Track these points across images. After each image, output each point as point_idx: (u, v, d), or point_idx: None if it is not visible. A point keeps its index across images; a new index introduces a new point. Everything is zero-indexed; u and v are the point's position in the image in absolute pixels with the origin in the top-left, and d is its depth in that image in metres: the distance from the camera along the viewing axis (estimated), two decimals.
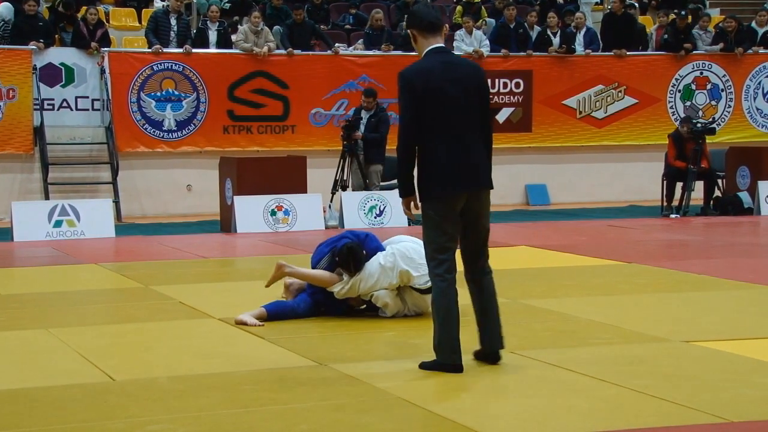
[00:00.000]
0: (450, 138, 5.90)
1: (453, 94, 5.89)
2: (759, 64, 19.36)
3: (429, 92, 5.85)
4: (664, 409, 5.22)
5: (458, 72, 5.96)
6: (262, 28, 17.24)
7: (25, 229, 13.37)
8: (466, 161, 5.94)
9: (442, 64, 5.94)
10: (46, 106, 16.49)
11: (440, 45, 6.02)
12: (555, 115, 18.50)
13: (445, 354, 5.99)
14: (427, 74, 5.89)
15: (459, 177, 5.90)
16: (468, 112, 5.95)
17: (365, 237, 7.74)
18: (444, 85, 5.87)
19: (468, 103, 5.94)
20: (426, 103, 5.86)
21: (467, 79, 5.97)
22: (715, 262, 10.66)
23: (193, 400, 5.47)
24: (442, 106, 5.87)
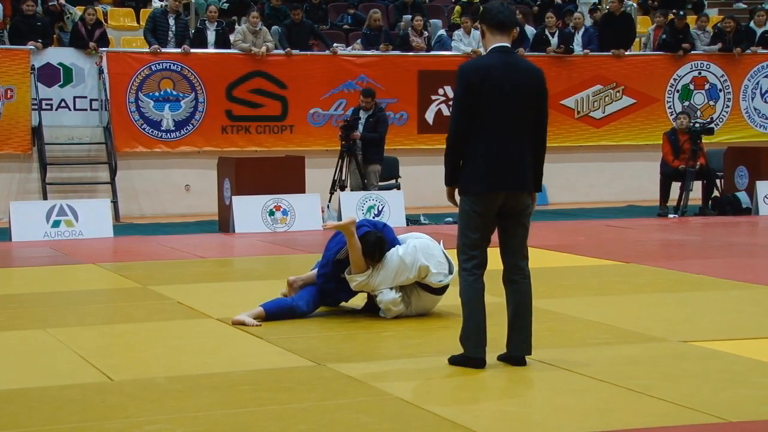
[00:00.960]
0: (497, 137, 5.91)
1: (507, 94, 5.90)
2: (757, 64, 19.37)
3: (484, 89, 5.87)
4: (663, 409, 5.22)
5: (517, 73, 5.97)
6: (260, 28, 17.24)
7: (24, 229, 13.36)
8: (508, 162, 5.94)
9: (503, 63, 5.95)
10: (45, 106, 16.47)
11: (505, 44, 6.02)
12: (553, 115, 18.18)
13: (470, 348, 6.04)
14: (485, 71, 5.91)
15: (498, 176, 5.93)
16: (519, 114, 5.95)
17: (383, 227, 7.67)
18: (500, 83, 5.89)
19: (521, 104, 5.94)
20: (479, 99, 5.88)
21: (525, 81, 5.97)
22: (713, 262, 10.66)
23: (192, 400, 5.47)
24: (494, 105, 5.89)
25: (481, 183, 5.93)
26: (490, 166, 5.92)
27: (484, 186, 5.92)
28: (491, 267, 6.11)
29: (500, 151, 5.92)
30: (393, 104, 17.51)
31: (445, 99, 17.95)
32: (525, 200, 6.09)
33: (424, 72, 17.92)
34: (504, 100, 5.90)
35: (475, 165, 5.93)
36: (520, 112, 5.95)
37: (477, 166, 5.93)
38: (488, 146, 5.91)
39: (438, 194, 19.09)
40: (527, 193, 6.09)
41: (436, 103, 17.95)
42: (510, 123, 5.92)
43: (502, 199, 5.98)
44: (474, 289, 6.06)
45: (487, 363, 6.15)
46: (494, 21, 6.04)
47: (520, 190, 6.03)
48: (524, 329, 6.13)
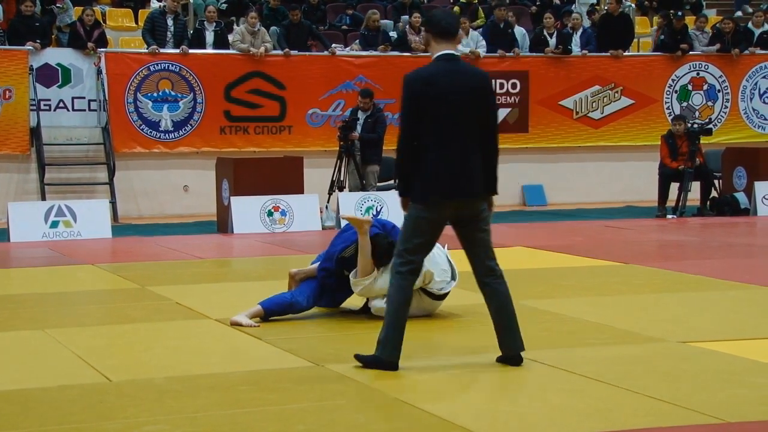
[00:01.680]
0: (445, 145, 5.93)
1: (454, 102, 5.93)
2: (755, 65, 19.38)
3: (430, 98, 5.91)
4: (661, 409, 5.22)
5: (462, 79, 6.00)
6: (258, 28, 17.24)
7: (22, 229, 13.36)
8: (458, 169, 5.95)
9: (448, 71, 6.00)
10: (43, 106, 16.46)
11: (450, 52, 6.08)
12: (552, 116, 18.51)
13: (387, 350, 6.01)
14: (430, 80, 5.96)
15: (449, 184, 5.94)
16: (467, 121, 5.96)
17: (391, 228, 7.58)
18: (446, 92, 5.92)
19: (468, 110, 5.97)
20: (426, 109, 5.91)
21: (470, 86, 6.01)
22: (711, 263, 10.67)
23: (190, 401, 5.47)
24: (440, 113, 5.92)
25: (432, 192, 5.93)
26: (441, 175, 5.93)
27: (436, 195, 5.93)
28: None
29: (450, 159, 5.93)
30: (391, 105, 17.48)
31: None
32: (479, 206, 6.09)
33: None
34: (450, 108, 5.92)
35: (425, 173, 5.93)
36: (467, 118, 5.96)
37: (427, 175, 5.93)
38: (438, 154, 5.92)
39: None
40: (481, 199, 6.08)
41: None
42: (457, 130, 5.94)
43: (454, 207, 5.99)
44: (405, 294, 6.03)
45: (486, 363, 6.14)
46: (438, 28, 6.10)
47: (471, 197, 6.03)
48: (512, 328, 6.13)
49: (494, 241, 6.30)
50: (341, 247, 7.58)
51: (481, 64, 18.06)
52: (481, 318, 7.63)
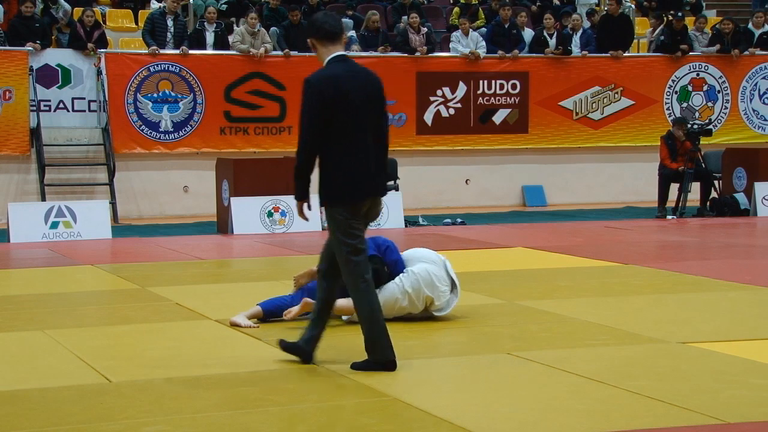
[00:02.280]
0: (355, 145, 6.01)
1: (358, 102, 6.01)
2: (755, 66, 19.38)
3: (337, 99, 5.95)
4: (660, 410, 5.22)
5: (362, 80, 6.09)
6: (258, 29, 17.24)
7: (22, 230, 13.36)
8: (370, 168, 6.07)
9: (347, 72, 6.07)
10: (43, 107, 16.47)
11: (341, 53, 6.16)
12: (551, 117, 18.51)
13: (378, 353, 6.05)
14: (335, 81, 6.00)
15: (364, 183, 6.06)
16: (370, 120, 6.07)
17: (386, 249, 7.53)
18: (350, 93, 5.99)
19: (370, 111, 6.07)
20: (334, 110, 5.95)
21: (370, 87, 6.11)
22: (711, 264, 10.66)
23: (190, 402, 5.47)
24: (348, 114, 5.98)
25: (351, 191, 6.02)
26: (356, 174, 6.01)
27: (355, 194, 6.03)
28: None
29: (362, 159, 6.02)
30: (391, 106, 17.48)
31: (443, 100, 17.96)
32: (381, 205, 6.23)
33: (423, 73, 17.93)
34: (355, 109, 5.99)
35: (340, 175, 6.01)
36: (369, 119, 6.06)
37: (343, 176, 6.00)
38: (351, 155, 6.00)
39: (437, 195, 19.25)
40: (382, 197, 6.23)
41: (434, 105, 17.96)
42: (363, 130, 6.03)
43: (367, 205, 6.10)
44: (371, 294, 6.07)
45: (486, 364, 6.14)
46: (322, 32, 6.17)
47: (381, 195, 6.19)
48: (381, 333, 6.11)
49: (494, 242, 6.29)
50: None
51: (481, 64, 18.09)
52: (481, 318, 7.65)
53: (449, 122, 18.02)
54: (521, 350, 6.55)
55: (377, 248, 7.52)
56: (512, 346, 6.70)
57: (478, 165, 18.22)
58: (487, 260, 11.06)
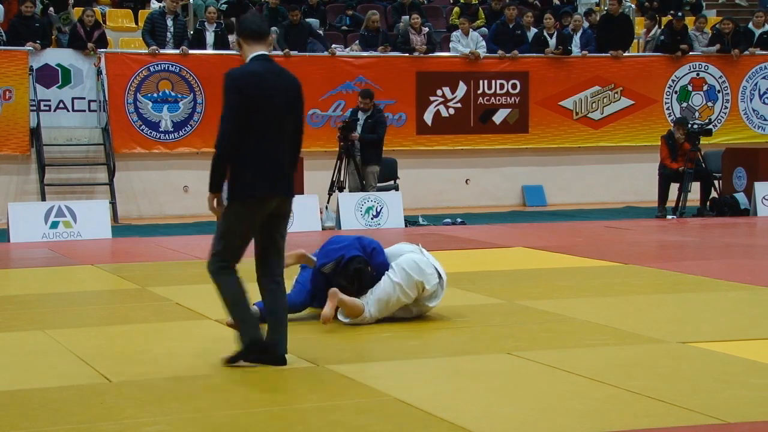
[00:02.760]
0: (268, 143, 6.08)
1: (277, 101, 6.09)
2: (755, 66, 19.38)
3: (258, 96, 6.03)
4: (660, 409, 5.22)
5: (282, 80, 6.18)
6: None
7: (22, 230, 13.36)
8: (280, 168, 6.13)
9: (268, 71, 6.14)
10: (43, 107, 16.47)
11: (264, 53, 6.22)
12: (551, 117, 18.52)
13: (248, 332, 6.09)
14: (257, 78, 6.07)
15: (271, 182, 6.08)
16: (287, 120, 6.16)
17: (372, 251, 7.52)
18: (270, 90, 6.07)
19: (288, 111, 6.16)
20: (253, 107, 6.01)
21: (290, 88, 6.19)
22: (711, 264, 10.67)
23: (190, 402, 5.47)
24: (266, 111, 6.05)
25: (256, 189, 6.05)
26: (264, 172, 6.05)
27: (259, 192, 6.05)
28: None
29: (273, 157, 6.09)
30: (391, 105, 17.51)
31: (443, 100, 17.97)
32: (290, 206, 6.26)
33: (423, 73, 17.93)
34: (274, 108, 6.07)
35: (249, 171, 6.04)
36: (286, 118, 6.15)
37: (251, 173, 6.04)
38: (262, 152, 6.06)
39: (437, 195, 19.25)
40: (290, 200, 6.25)
41: (434, 105, 17.96)
42: (279, 129, 6.11)
43: (274, 203, 6.11)
44: (232, 283, 6.17)
45: (486, 364, 6.14)
46: (248, 31, 6.25)
47: (290, 194, 6.22)
48: (283, 332, 6.19)
49: (494, 242, 6.29)
50: (321, 263, 7.51)
51: (481, 64, 18.09)
52: (481, 318, 7.65)
53: (449, 122, 18.02)
54: (521, 350, 6.55)
55: (362, 249, 7.49)
56: (512, 346, 6.69)
57: (478, 165, 18.22)
58: (487, 260, 11.06)
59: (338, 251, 7.47)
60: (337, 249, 7.50)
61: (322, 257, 7.57)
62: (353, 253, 7.39)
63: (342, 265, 7.36)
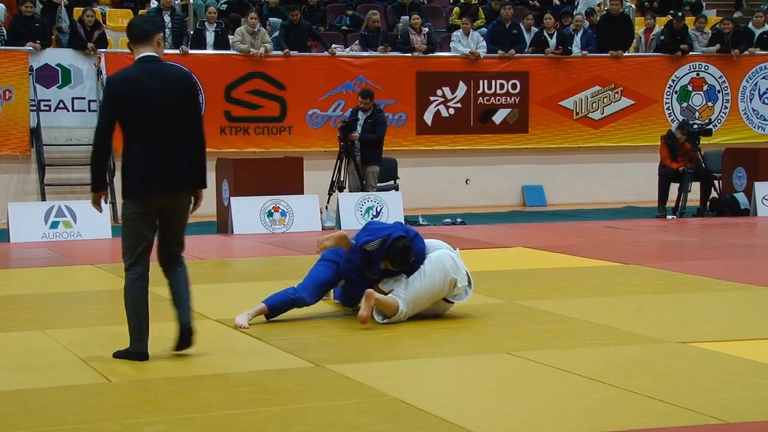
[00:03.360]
0: (149, 142, 6.34)
1: (155, 101, 6.34)
2: (755, 66, 19.38)
3: (131, 98, 6.33)
4: (660, 410, 5.22)
5: (162, 80, 6.45)
6: (258, 29, 17.25)
7: (22, 230, 13.36)
8: (163, 165, 6.35)
9: (148, 72, 6.48)
10: (43, 107, 16.47)
11: (150, 54, 6.61)
12: (552, 117, 18.52)
13: (133, 343, 6.42)
14: (128, 81, 6.43)
15: (154, 179, 6.33)
16: (170, 118, 6.38)
17: (414, 236, 7.59)
18: (146, 92, 6.35)
19: (171, 109, 6.39)
20: (128, 109, 6.32)
21: (172, 87, 6.44)
22: (711, 264, 10.67)
23: (190, 402, 5.47)
24: (142, 112, 6.33)
25: (140, 187, 6.32)
26: (146, 170, 6.32)
27: (143, 189, 6.31)
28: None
29: (154, 156, 6.33)
30: (391, 105, 17.52)
31: (443, 100, 17.97)
32: (185, 200, 6.51)
33: (423, 73, 17.93)
34: (151, 107, 6.32)
35: (133, 170, 6.34)
36: (169, 116, 6.37)
37: (135, 172, 6.33)
38: (143, 152, 6.33)
39: (437, 195, 19.24)
40: (187, 193, 6.51)
41: (434, 105, 17.96)
42: (160, 128, 6.35)
43: (163, 200, 6.37)
44: (137, 288, 6.41)
45: (486, 364, 6.14)
46: (134, 35, 6.71)
47: (177, 191, 6.44)
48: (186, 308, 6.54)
49: (494, 242, 6.29)
50: (365, 240, 7.50)
51: (482, 64, 18.09)
52: (481, 318, 7.65)
53: (449, 122, 18.02)
54: (521, 350, 6.55)
55: (406, 232, 7.54)
56: (512, 346, 6.69)
57: (478, 165, 18.22)
58: (487, 260, 11.05)
59: (384, 230, 7.51)
60: (382, 229, 7.57)
61: (365, 235, 7.57)
62: (399, 233, 7.43)
63: (389, 242, 7.37)
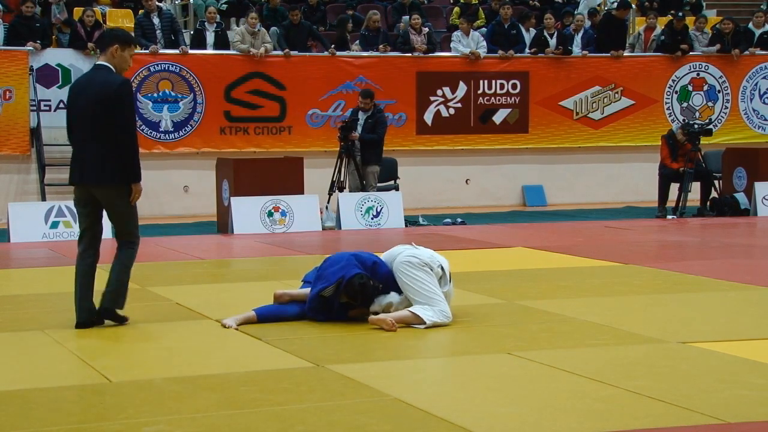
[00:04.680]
0: (76, 139, 7.47)
1: (80, 105, 7.40)
2: (756, 66, 19.39)
3: (68, 102, 7.60)
4: (661, 410, 5.22)
5: (90, 87, 7.38)
6: (258, 29, 17.25)
7: (22, 230, 13.36)
8: (85, 160, 7.36)
9: (85, 80, 7.57)
10: (43, 107, 16.48)
11: (101, 63, 7.46)
12: (552, 117, 18.52)
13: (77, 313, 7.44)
14: (72, 88, 7.65)
15: (77, 171, 7.44)
16: (89, 121, 7.32)
17: (373, 264, 7.45)
18: (76, 98, 7.47)
19: (91, 112, 7.30)
20: (67, 109, 7.61)
21: (96, 92, 7.29)
22: (711, 263, 10.66)
23: (190, 401, 5.46)
24: (71, 113, 7.51)
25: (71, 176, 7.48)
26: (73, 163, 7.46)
27: (72, 178, 7.47)
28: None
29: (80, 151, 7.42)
30: (392, 105, 17.52)
31: (443, 100, 17.97)
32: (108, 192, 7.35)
33: (423, 73, 17.93)
34: (76, 109, 7.44)
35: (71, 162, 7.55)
36: (88, 119, 7.32)
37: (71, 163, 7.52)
38: (73, 146, 7.52)
39: (437, 195, 19.25)
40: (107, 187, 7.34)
41: (434, 105, 17.97)
42: (82, 129, 7.38)
43: (85, 189, 7.42)
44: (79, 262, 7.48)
45: (486, 364, 6.14)
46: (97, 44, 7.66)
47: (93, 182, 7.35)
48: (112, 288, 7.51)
49: (494, 241, 6.29)
50: (321, 287, 7.41)
51: (482, 64, 18.09)
52: (481, 318, 7.65)
53: (449, 122, 18.03)
54: (521, 350, 6.55)
55: (362, 265, 7.39)
56: (512, 346, 6.69)
57: (478, 165, 18.23)
58: (487, 260, 11.06)
59: (337, 273, 7.35)
60: (336, 271, 7.38)
61: (320, 282, 7.47)
62: (354, 271, 7.32)
63: (344, 283, 7.28)
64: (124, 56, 7.44)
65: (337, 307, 7.41)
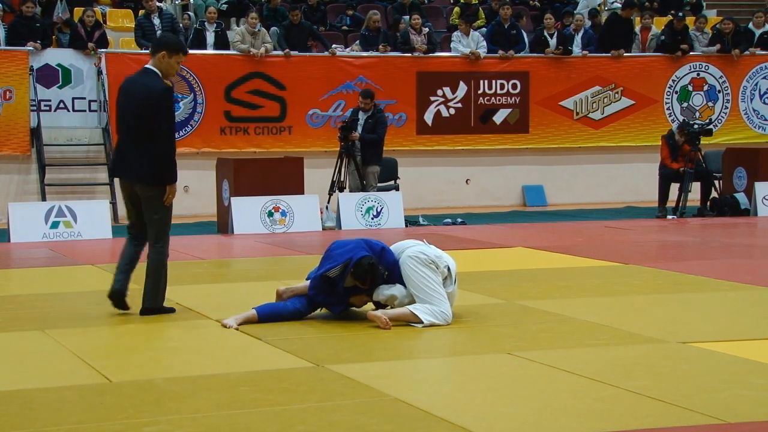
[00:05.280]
0: (121, 137, 7.86)
1: (125, 105, 7.76)
2: (756, 66, 19.39)
3: (117, 101, 7.97)
4: (661, 410, 5.22)
5: (135, 89, 7.71)
6: (259, 29, 17.25)
7: (22, 230, 13.35)
8: (126, 157, 7.72)
9: (133, 81, 7.83)
10: (43, 107, 16.48)
11: (149, 66, 7.75)
12: (552, 117, 18.52)
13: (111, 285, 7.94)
14: (121, 88, 7.91)
15: (118, 167, 7.87)
16: (131, 121, 7.67)
17: (381, 250, 7.44)
18: (121, 98, 7.85)
19: (133, 113, 7.64)
20: (116, 109, 8.03)
21: (138, 95, 7.63)
22: (712, 264, 10.66)
23: (190, 402, 5.47)
24: (118, 112, 7.93)
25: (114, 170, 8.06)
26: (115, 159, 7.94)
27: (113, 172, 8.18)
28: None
29: (121, 148, 7.80)
30: (392, 105, 17.52)
31: (444, 100, 17.97)
32: (142, 188, 7.68)
33: (423, 73, 17.93)
34: (122, 109, 7.83)
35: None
36: (132, 119, 7.65)
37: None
38: (118, 143, 7.92)
39: (437, 195, 19.24)
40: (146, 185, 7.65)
41: (434, 105, 17.97)
42: (127, 126, 7.72)
43: (125, 185, 7.80)
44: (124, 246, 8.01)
45: (486, 364, 6.14)
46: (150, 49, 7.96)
47: (132, 179, 7.71)
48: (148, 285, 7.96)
49: (494, 241, 6.29)
50: (327, 267, 7.42)
51: (482, 64, 18.09)
52: (481, 318, 7.65)
53: (449, 122, 18.03)
54: (521, 350, 6.55)
55: (371, 249, 7.42)
56: (512, 346, 6.69)
57: (478, 165, 18.23)
58: (487, 260, 11.06)
59: (345, 255, 7.38)
60: (344, 252, 7.41)
61: (327, 263, 7.50)
62: (362, 254, 7.34)
63: (353, 264, 7.28)
64: (171, 63, 7.68)
65: (340, 289, 7.41)
